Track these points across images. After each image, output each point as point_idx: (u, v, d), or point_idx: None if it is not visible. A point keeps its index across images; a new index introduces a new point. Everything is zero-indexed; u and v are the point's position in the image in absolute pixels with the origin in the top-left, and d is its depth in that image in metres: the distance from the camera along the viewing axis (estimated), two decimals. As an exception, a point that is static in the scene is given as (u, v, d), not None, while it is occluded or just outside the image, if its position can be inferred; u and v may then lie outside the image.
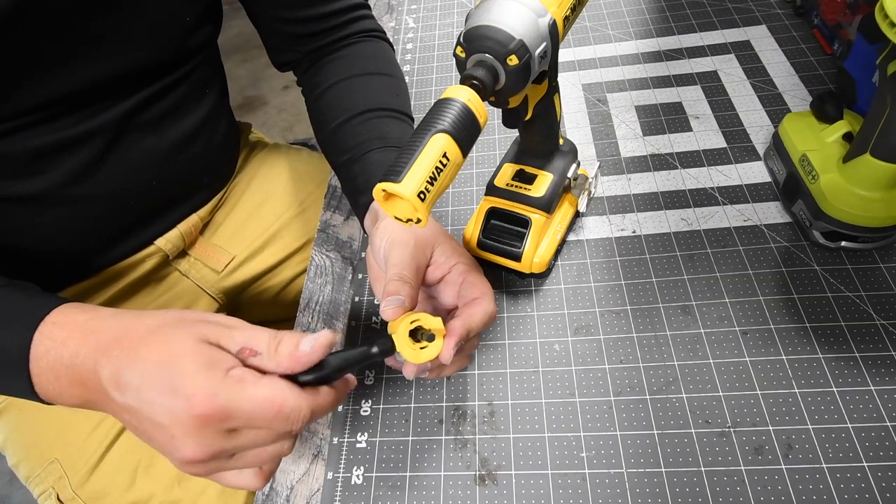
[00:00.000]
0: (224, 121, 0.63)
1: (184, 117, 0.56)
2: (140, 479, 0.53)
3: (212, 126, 0.60)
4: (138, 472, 0.53)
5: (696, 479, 0.37)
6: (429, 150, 0.28)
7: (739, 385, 0.40)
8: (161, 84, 0.53)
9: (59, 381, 0.33)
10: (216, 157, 0.63)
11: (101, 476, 0.54)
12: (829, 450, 0.36)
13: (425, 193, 0.28)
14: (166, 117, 0.54)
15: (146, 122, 0.53)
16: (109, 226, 0.55)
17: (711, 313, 0.43)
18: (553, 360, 0.43)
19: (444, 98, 0.30)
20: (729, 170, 0.52)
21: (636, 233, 0.49)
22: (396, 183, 0.27)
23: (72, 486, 0.54)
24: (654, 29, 0.67)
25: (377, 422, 0.43)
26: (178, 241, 0.61)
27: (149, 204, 0.57)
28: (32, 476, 0.55)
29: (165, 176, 0.56)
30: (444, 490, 0.39)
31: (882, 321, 0.41)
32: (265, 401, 0.29)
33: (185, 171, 0.58)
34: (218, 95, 0.62)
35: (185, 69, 0.55)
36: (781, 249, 0.46)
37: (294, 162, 0.73)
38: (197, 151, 0.58)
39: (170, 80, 0.53)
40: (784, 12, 0.65)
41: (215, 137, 0.61)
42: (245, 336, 0.31)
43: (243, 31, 2.66)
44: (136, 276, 0.59)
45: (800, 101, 0.56)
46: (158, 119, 0.54)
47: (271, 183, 0.70)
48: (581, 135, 0.58)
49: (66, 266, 0.55)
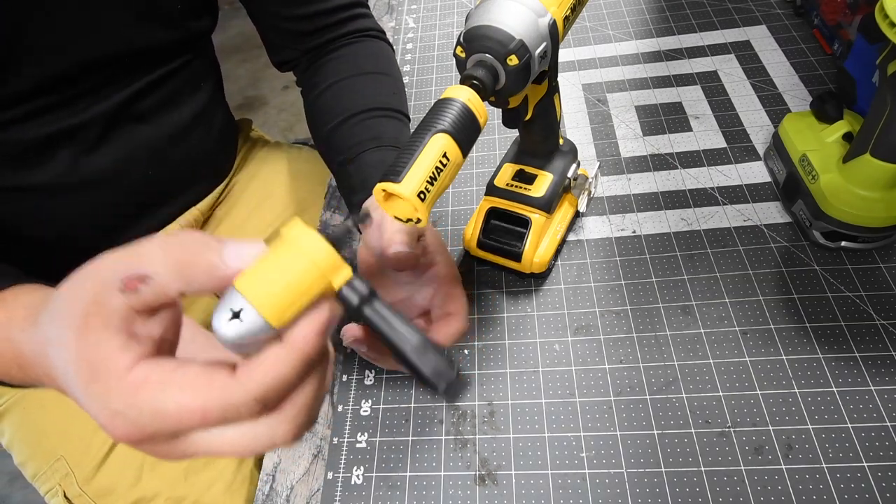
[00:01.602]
0: (220, 115, 0.64)
1: (178, 109, 0.57)
2: (146, 475, 0.54)
3: (207, 120, 0.61)
4: (144, 468, 0.54)
5: (696, 479, 0.37)
6: (429, 150, 0.28)
7: (739, 385, 0.40)
8: (155, 75, 0.53)
9: (4, 358, 0.30)
10: (212, 150, 0.64)
11: (107, 473, 0.54)
12: (829, 450, 0.36)
13: (425, 193, 0.28)
14: (161, 109, 0.55)
15: (141, 113, 0.53)
16: (107, 215, 0.55)
17: (711, 313, 0.43)
18: (553, 360, 0.43)
19: (443, 98, 0.30)
20: (729, 170, 0.52)
21: (636, 233, 0.49)
22: (396, 183, 0.27)
23: (78, 483, 0.54)
24: (654, 29, 0.67)
25: (377, 422, 0.43)
26: None
27: (146, 195, 0.57)
28: (39, 474, 0.56)
29: (161, 167, 0.57)
30: (444, 490, 0.39)
31: (882, 321, 0.41)
32: (178, 414, 0.21)
33: (180, 164, 0.59)
34: (212, 90, 0.62)
35: (179, 61, 0.55)
36: (781, 249, 0.46)
37: (294, 161, 0.73)
38: (192, 144, 0.59)
39: (164, 72, 0.54)
40: (784, 12, 0.65)
41: (211, 132, 0.62)
42: (126, 264, 0.23)
43: (243, 31, 2.66)
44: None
45: (800, 101, 0.56)
46: (153, 110, 0.54)
47: (272, 181, 0.70)
48: (581, 135, 0.58)
49: (67, 256, 0.54)
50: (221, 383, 0.21)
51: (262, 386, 0.21)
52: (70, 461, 0.55)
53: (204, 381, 0.21)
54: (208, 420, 0.21)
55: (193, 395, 0.21)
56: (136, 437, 0.21)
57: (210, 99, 0.61)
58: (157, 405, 0.21)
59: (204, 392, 0.21)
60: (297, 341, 0.21)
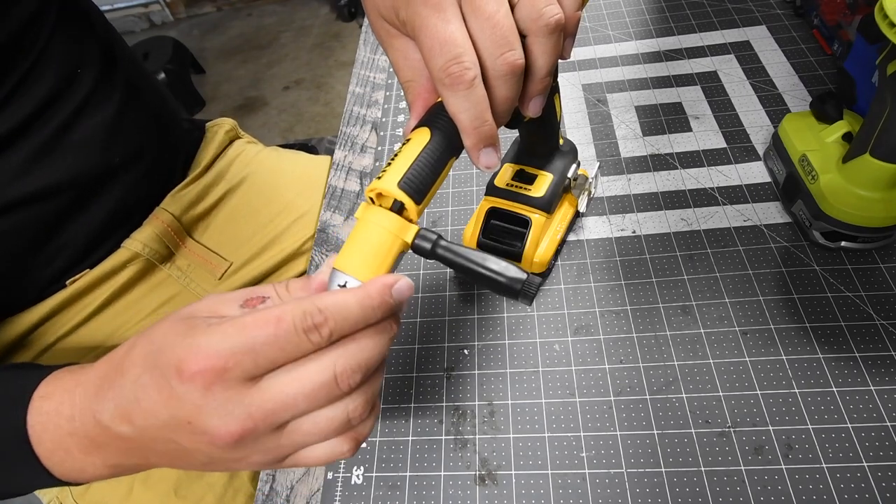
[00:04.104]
0: (130, 105, 0.57)
1: (56, 108, 0.50)
2: (137, 489, 0.54)
3: (100, 112, 0.54)
4: (136, 481, 0.54)
5: (696, 479, 0.37)
6: (411, 144, 0.29)
7: (739, 385, 0.40)
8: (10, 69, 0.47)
9: (72, 454, 0.29)
10: (129, 145, 0.57)
11: (100, 485, 0.54)
12: (829, 450, 0.36)
13: (411, 181, 0.28)
14: (32, 117, 0.49)
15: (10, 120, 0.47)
16: (39, 232, 0.51)
17: (711, 313, 0.43)
18: (553, 360, 0.43)
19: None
20: (729, 170, 0.52)
21: (636, 233, 0.49)
22: (378, 180, 0.28)
23: (73, 496, 0.55)
24: (653, 29, 0.67)
25: (377, 422, 0.43)
26: (156, 244, 0.59)
27: (66, 208, 0.52)
28: None
29: (64, 167, 0.51)
30: (444, 490, 0.39)
31: (882, 321, 0.41)
32: (254, 322, 0.23)
33: (86, 169, 0.52)
34: (97, 73, 0.54)
35: (32, 54, 0.48)
36: (781, 249, 0.46)
37: (292, 165, 0.73)
38: (79, 141, 0.52)
39: (20, 64, 0.48)
40: (784, 12, 0.65)
41: (125, 123, 0.56)
42: (245, 291, 0.27)
43: (243, 32, 2.66)
44: (122, 282, 0.58)
45: (799, 102, 0.56)
46: (24, 121, 0.48)
47: (268, 187, 0.69)
48: (581, 135, 0.58)
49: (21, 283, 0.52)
50: (291, 300, 0.25)
51: (329, 304, 0.24)
52: None
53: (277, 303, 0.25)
54: (282, 326, 0.23)
55: (263, 310, 0.24)
56: (216, 366, 0.23)
57: (99, 84, 0.54)
58: (237, 322, 0.23)
59: (271, 308, 0.24)
60: (367, 285, 0.26)
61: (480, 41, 0.27)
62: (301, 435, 0.25)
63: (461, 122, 0.28)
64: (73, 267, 0.55)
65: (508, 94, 0.28)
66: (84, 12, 0.56)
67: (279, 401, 0.24)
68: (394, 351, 0.46)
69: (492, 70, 0.27)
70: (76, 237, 0.54)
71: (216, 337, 0.23)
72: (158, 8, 2.77)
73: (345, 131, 0.66)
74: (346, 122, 0.67)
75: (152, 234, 0.59)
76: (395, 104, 0.66)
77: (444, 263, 0.30)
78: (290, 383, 0.24)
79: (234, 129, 0.74)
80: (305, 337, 0.24)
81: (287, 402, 0.24)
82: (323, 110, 2.10)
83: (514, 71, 0.28)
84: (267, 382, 0.24)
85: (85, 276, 0.56)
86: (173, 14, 2.81)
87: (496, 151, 0.30)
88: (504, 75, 0.28)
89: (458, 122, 0.28)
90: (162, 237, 0.60)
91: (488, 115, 0.28)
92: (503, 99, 0.28)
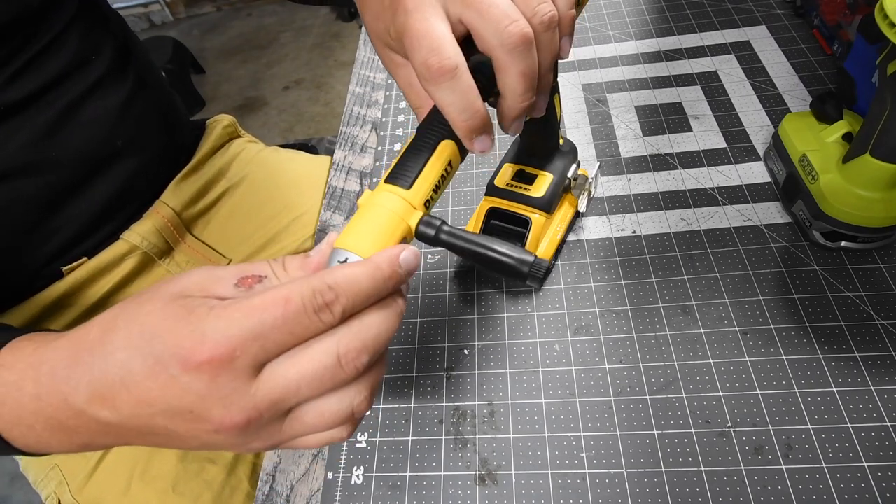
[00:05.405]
0: (139, 96, 0.59)
1: (68, 87, 0.52)
2: (135, 485, 0.54)
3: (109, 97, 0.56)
4: (133, 477, 0.54)
5: (696, 479, 0.37)
6: (437, 157, 0.29)
7: (739, 385, 0.40)
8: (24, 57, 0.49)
9: (35, 431, 0.27)
10: (134, 132, 0.58)
11: (98, 482, 0.54)
12: (829, 450, 0.36)
13: (430, 202, 0.29)
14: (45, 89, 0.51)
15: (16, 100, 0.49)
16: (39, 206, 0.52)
17: (711, 313, 0.43)
18: (553, 360, 0.43)
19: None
20: (729, 170, 0.52)
21: (636, 233, 0.49)
22: (406, 189, 0.28)
23: (71, 492, 0.55)
24: (653, 29, 0.67)
25: (377, 422, 0.43)
26: (155, 238, 0.60)
27: (68, 184, 0.53)
28: (38, 480, 0.56)
29: (67, 153, 0.52)
30: (444, 490, 0.39)
31: (882, 321, 0.41)
32: (262, 304, 0.22)
33: (91, 148, 0.54)
34: (110, 62, 0.56)
35: (49, 34, 0.51)
36: (781, 249, 0.46)
37: (292, 164, 0.73)
38: (87, 120, 0.54)
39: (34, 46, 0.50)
40: (784, 12, 0.65)
41: (132, 111, 0.58)
42: (238, 269, 0.25)
43: (243, 32, 2.66)
44: (121, 276, 0.58)
45: (800, 101, 0.56)
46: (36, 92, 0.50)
47: (269, 186, 0.70)
48: (581, 135, 0.58)
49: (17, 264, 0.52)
50: (297, 279, 0.24)
51: (339, 279, 0.23)
52: (64, 470, 0.55)
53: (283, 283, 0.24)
54: (290, 307, 0.22)
55: (271, 290, 0.23)
56: (224, 354, 0.22)
57: (109, 73, 0.56)
58: (244, 304, 0.22)
59: (277, 288, 0.23)
60: (374, 257, 0.25)
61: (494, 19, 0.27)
62: (304, 425, 0.24)
63: (450, 115, 0.28)
64: (67, 251, 0.55)
65: (551, 48, 0.29)
66: (104, 15, 0.59)
67: (284, 388, 0.23)
68: (394, 351, 0.46)
69: (536, 26, 0.28)
70: (73, 219, 0.55)
71: (222, 323, 0.22)
72: (158, 8, 2.77)
73: (345, 131, 0.66)
74: (346, 122, 0.67)
75: (152, 228, 0.59)
76: (395, 104, 0.66)
77: (450, 249, 0.29)
78: (294, 367, 0.23)
79: (233, 124, 0.74)
80: (317, 318, 0.23)
81: (291, 389, 0.23)
82: (323, 110, 2.10)
83: (552, 23, 0.28)
84: (272, 368, 0.23)
85: (83, 266, 0.56)
86: (173, 14, 2.81)
87: (490, 136, 0.30)
88: (546, 30, 0.28)
89: (447, 115, 0.28)
90: (161, 231, 0.60)
91: (478, 104, 0.28)
92: (547, 55, 0.29)
